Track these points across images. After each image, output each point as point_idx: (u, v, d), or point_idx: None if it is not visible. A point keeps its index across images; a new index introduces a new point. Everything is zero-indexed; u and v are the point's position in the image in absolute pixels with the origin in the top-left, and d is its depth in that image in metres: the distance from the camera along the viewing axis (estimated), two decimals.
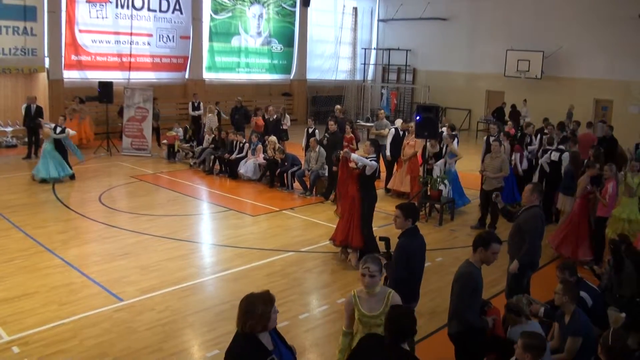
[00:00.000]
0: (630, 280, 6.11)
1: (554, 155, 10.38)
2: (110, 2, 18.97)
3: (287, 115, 16.09)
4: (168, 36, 20.72)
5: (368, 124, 19.28)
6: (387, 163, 12.32)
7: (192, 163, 15.01)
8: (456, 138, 11.86)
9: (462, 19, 24.43)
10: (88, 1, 18.46)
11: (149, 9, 20.03)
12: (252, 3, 23.32)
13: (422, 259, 5.15)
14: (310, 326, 6.38)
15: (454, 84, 24.49)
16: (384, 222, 9.94)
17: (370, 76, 27.99)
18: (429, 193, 10.67)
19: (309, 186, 12.26)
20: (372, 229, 8.25)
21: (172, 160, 15.63)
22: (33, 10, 16.98)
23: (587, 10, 20.38)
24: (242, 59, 23.61)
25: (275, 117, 15.54)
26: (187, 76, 21.58)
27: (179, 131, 15.94)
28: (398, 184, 12.01)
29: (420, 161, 11.46)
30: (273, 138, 13.54)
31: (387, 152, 12.11)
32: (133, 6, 19.55)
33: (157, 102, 17.18)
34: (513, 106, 20.62)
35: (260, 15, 23.78)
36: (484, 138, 11.92)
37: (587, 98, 20.69)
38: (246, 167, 13.43)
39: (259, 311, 3.24)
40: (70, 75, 18.49)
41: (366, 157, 7.93)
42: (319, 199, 11.95)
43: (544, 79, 21.42)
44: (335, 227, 8.56)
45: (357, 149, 12.24)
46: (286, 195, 12.32)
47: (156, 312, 6.49)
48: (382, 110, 14.91)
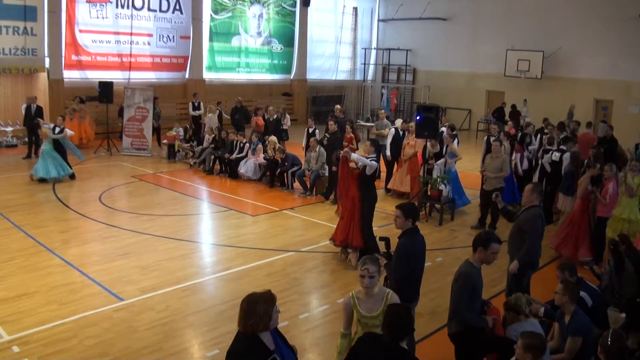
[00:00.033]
0: (630, 280, 6.11)
1: (555, 156, 10.37)
2: (111, 2, 18.96)
3: (287, 115, 16.10)
4: (168, 36, 20.71)
5: (368, 124, 19.26)
6: (388, 163, 12.32)
7: (192, 163, 15.01)
8: (456, 138, 11.86)
9: (462, 19, 24.41)
10: (88, 1, 18.45)
11: (149, 9, 20.01)
12: (252, 3, 23.31)
13: (422, 259, 5.15)
14: (310, 326, 6.38)
15: (454, 84, 24.49)
16: (384, 222, 9.94)
17: (370, 76, 27.98)
18: (429, 193, 10.68)
19: (309, 186, 12.26)
20: (373, 229, 8.25)
21: (173, 160, 15.64)
22: (33, 10, 16.96)
23: (587, 10, 20.37)
24: (242, 58, 23.60)
25: (275, 117, 15.56)
26: (187, 76, 21.56)
27: (179, 131, 15.95)
28: (398, 184, 12.01)
29: (420, 161, 11.45)
30: (273, 138, 13.54)
31: (388, 152, 12.11)
32: (133, 6, 19.55)
33: (157, 102, 17.19)
34: (513, 106, 20.62)
35: (261, 15, 23.77)
36: (484, 138, 11.91)
37: (587, 98, 20.69)
38: (246, 167, 13.43)
39: (261, 311, 3.24)
40: (70, 75, 18.48)
41: (366, 157, 7.92)
42: (319, 199, 11.95)
43: (544, 79, 21.41)
44: (335, 227, 8.57)
45: (357, 148, 12.24)
46: (286, 195, 12.33)
47: (156, 312, 6.49)
48: (383, 110, 14.91)
